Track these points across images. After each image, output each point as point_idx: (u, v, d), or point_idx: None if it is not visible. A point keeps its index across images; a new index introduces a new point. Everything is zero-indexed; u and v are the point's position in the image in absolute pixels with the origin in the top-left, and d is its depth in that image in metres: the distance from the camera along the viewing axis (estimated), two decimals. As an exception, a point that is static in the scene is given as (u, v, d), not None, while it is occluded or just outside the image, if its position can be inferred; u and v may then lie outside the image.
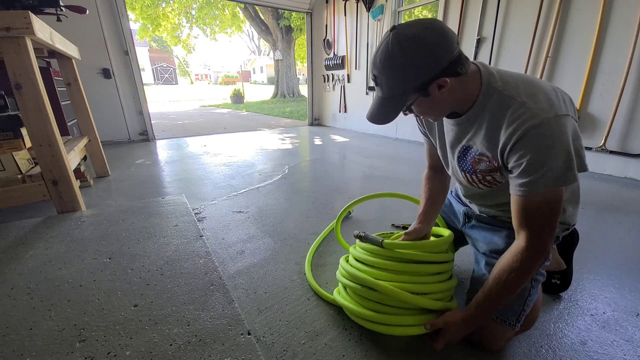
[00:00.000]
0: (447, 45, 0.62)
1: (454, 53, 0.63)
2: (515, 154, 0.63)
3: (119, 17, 3.42)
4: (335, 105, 5.09)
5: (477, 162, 0.75)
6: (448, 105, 0.72)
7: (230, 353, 0.75)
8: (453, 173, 0.89)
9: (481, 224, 0.94)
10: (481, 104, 0.69)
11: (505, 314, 0.76)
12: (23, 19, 1.23)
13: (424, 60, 0.62)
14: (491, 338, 0.78)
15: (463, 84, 0.68)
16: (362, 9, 4.13)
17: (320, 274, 1.16)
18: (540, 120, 0.60)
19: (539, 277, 0.79)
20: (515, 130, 0.62)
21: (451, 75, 0.64)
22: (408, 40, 0.62)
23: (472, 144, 0.75)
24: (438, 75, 0.63)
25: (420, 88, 0.66)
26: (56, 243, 1.26)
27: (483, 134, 0.71)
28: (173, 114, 8.02)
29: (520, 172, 0.63)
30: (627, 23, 2.12)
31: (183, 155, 3.19)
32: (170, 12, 11.27)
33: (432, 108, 0.72)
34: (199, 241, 1.28)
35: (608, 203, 1.84)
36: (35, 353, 0.74)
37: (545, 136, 0.60)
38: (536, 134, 0.60)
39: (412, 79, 0.64)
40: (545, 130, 0.60)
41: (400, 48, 0.62)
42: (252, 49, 37.35)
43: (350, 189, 2.13)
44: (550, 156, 0.60)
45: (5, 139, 1.39)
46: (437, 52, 0.62)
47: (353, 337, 0.85)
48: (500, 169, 0.71)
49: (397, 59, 0.63)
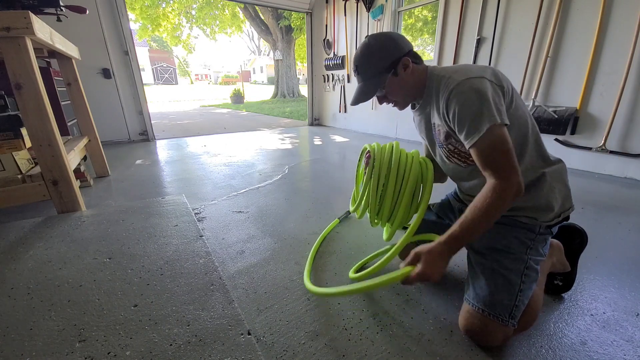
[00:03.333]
0: (405, 40, 0.90)
1: (411, 47, 0.90)
2: (449, 113, 0.80)
3: (119, 17, 3.42)
4: (335, 105, 5.09)
5: (439, 134, 0.90)
6: (411, 86, 0.91)
7: (230, 353, 0.75)
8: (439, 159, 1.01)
9: None
10: (428, 87, 0.90)
11: (496, 309, 0.76)
12: (23, 19, 1.23)
13: (390, 45, 0.87)
14: (486, 335, 0.78)
15: (419, 71, 0.90)
16: (362, 9, 4.13)
17: (319, 274, 1.16)
18: (457, 82, 0.78)
19: (531, 273, 0.80)
20: (443, 95, 0.81)
21: (411, 60, 0.87)
22: (377, 36, 0.89)
23: (434, 121, 0.91)
24: (401, 56, 0.87)
25: (390, 68, 0.87)
26: (56, 243, 1.26)
27: (435, 109, 0.88)
28: (173, 114, 8.02)
29: (457, 127, 0.78)
30: (627, 23, 2.12)
31: (183, 155, 3.19)
32: (170, 12, 11.27)
33: (401, 88, 0.91)
34: (199, 241, 1.28)
35: (608, 203, 1.84)
36: (35, 353, 0.75)
37: (462, 92, 0.77)
38: (455, 92, 0.77)
39: (383, 59, 0.87)
40: (461, 88, 0.77)
41: (372, 40, 0.89)
42: (252, 49, 37.37)
43: (350, 189, 2.13)
44: (470, 104, 0.75)
45: (5, 139, 1.39)
46: (398, 42, 0.88)
47: (353, 337, 0.85)
48: (449, 131, 0.85)
49: (370, 47, 0.88)
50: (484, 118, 0.73)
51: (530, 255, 0.83)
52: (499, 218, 0.77)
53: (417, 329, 0.89)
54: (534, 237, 0.85)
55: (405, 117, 3.97)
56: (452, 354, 0.80)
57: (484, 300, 0.78)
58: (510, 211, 0.87)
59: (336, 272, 1.17)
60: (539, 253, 0.84)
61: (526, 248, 0.83)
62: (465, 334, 0.83)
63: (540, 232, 0.86)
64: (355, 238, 1.43)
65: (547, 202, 0.84)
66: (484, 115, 0.73)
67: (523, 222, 0.86)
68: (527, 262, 0.81)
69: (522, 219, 0.86)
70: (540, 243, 0.86)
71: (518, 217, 0.87)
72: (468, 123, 0.75)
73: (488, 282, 0.80)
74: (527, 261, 0.81)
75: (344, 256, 1.27)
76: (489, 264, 0.83)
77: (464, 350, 0.81)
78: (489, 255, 0.84)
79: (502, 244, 0.84)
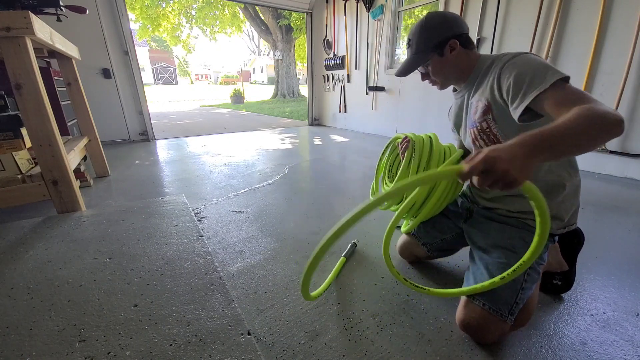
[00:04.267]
0: (459, 22, 0.90)
1: (464, 30, 0.90)
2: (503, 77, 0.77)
3: (119, 17, 3.42)
4: (335, 105, 5.09)
5: (476, 111, 0.88)
6: (454, 69, 0.92)
7: (230, 353, 0.75)
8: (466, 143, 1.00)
9: (480, 218, 0.97)
10: (476, 71, 0.90)
11: (497, 304, 0.77)
12: (23, 19, 1.23)
13: (442, 25, 0.89)
14: (484, 329, 0.78)
15: (467, 56, 0.90)
16: (362, 9, 4.13)
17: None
18: (517, 52, 0.78)
19: (533, 274, 0.81)
20: (497, 66, 0.81)
21: (460, 43, 0.88)
22: (434, 14, 0.91)
23: (472, 101, 0.91)
24: (450, 38, 0.88)
25: (437, 47, 0.89)
26: (56, 243, 1.26)
27: (480, 87, 0.88)
28: (173, 114, 8.02)
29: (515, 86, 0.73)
30: (627, 23, 2.12)
31: (183, 155, 3.18)
32: (170, 12, 11.27)
33: (443, 68, 0.92)
34: (199, 241, 1.28)
35: (608, 203, 1.84)
36: (35, 353, 0.75)
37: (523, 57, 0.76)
38: (516, 59, 0.77)
39: (431, 37, 0.89)
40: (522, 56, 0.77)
41: (427, 18, 0.91)
42: (252, 49, 37.36)
43: (350, 189, 2.13)
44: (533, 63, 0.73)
45: (5, 139, 1.39)
46: (451, 23, 0.89)
47: (353, 337, 0.85)
48: (491, 106, 0.83)
49: (423, 24, 0.90)
50: (548, 70, 0.69)
51: None
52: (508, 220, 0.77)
53: (417, 329, 0.89)
54: None
55: (405, 117, 3.97)
56: (452, 354, 0.80)
57: (485, 294, 0.78)
58: (519, 213, 0.89)
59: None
60: (541, 257, 0.85)
61: None
62: (462, 328, 0.83)
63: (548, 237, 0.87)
64: (355, 238, 1.43)
65: (557, 212, 0.86)
66: (549, 68, 0.69)
67: (530, 225, 0.88)
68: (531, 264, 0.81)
69: (529, 222, 0.88)
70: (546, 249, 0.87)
71: (525, 220, 0.88)
72: (530, 77, 0.70)
73: (491, 277, 0.79)
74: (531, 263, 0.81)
75: (344, 256, 1.27)
76: (494, 260, 0.83)
77: (464, 350, 0.81)
78: (494, 252, 0.85)
79: (508, 243, 0.85)
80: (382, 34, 3.96)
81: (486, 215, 0.97)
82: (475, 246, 0.92)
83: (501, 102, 0.80)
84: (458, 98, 0.99)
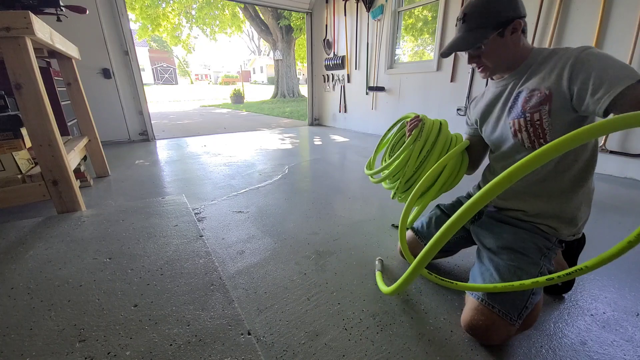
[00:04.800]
0: (523, 5, 0.84)
1: (525, 15, 0.84)
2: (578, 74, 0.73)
3: (119, 17, 3.42)
4: (335, 105, 5.09)
5: (528, 100, 0.82)
6: (510, 54, 0.86)
7: (230, 353, 0.75)
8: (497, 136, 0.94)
9: (491, 220, 0.96)
10: (530, 59, 0.85)
11: (507, 307, 0.76)
12: (23, 19, 1.23)
13: (509, 2, 0.82)
14: (491, 332, 0.78)
15: (523, 42, 0.86)
16: (362, 9, 4.13)
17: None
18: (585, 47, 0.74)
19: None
20: (564, 55, 0.76)
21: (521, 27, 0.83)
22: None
23: (523, 89, 0.85)
24: (514, 18, 0.81)
25: (499, 26, 0.81)
26: (56, 243, 1.26)
27: (534, 76, 0.83)
28: (173, 114, 8.02)
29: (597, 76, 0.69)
30: (627, 23, 2.12)
31: (183, 155, 3.19)
32: (170, 12, 11.27)
33: (499, 51, 0.85)
34: (199, 241, 1.28)
35: (608, 203, 1.84)
36: (35, 353, 0.74)
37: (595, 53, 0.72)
38: (592, 50, 0.73)
39: (495, 14, 0.81)
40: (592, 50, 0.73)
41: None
42: (252, 49, 37.36)
43: (350, 189, 2.13)
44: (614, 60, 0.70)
45: (5, 139, 1.39)
46: (517, 3, 0.82)
47: (353, 337, 0.85)
48: (552, 96, 0.78)
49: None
50: (629, 67, 0.68)
51: (544, 262, 0.83)
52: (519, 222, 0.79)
53: (417, 329, 0.89)
54: (550, 246, 0.86)
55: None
56: (452, 354, 0.80)
57: (496, 296, 0.77)
58: (533, 217, 0.89)
59: (336, 272, 1.17)
60: (550, 263, 0.85)
61: (541, 255, 0.84)
62: (469, 330, 0.81)
63: (555, 244, 0.88)
64: (355, 238, 1.43)
65: (572, 216, 0.87)
66: (629, 66, 0.68)
67: (542, 230, 0.88)
68: (542, 268, 0.81)
69: (542, 227, 0.88)
70: (552, 254, 0.87)
71: (539, 225, 0.88)
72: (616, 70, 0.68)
73: (502, 279, 0.79)
74: (541, 267, 0.81)
75: (344, 256, 1.27)
76: (505, 262, 0.82)
77: (463, 350, 0.81)
78: (506, 255, 0.84)
79: (520, 246, 0.84)
80: (382, 34, 3.96)
81: (497, 218, 0.96)
82: (484, 247, 0.91)
83: (567, 92, 0.75)
84: (497, 87, 0.92)
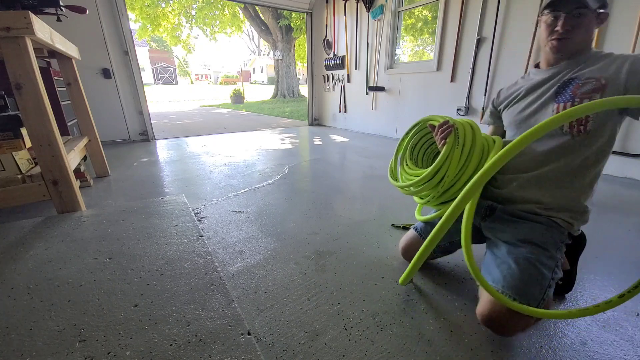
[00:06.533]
0: None
1: None
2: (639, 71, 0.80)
3: (119, 17, 3.42)
4: (335, 105, 5.09)
5: (581, 87, 0.87)
6: (589, 38, 0.92)
7: (230, 353, 0.75)
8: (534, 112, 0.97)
9: (505, 216, 0.95)
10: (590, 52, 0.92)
11: (527, 299, 0.76)
12: (23, 19, 1.23)
13: None
14: (510, 323, 0.77)
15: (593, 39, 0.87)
16: (362, 9, 4.13)
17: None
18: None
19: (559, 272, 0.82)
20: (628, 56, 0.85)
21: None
22: None
23: (576, 77, 0.90)
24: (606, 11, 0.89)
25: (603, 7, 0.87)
26: (56, 243, 1.26)
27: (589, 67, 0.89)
28: (173, 114, 8.02)
29: None
30: (627, 23, 2.12)
31: (183, 155, 3.19)
32: (170, 12, 11.26)
33: (589, 29, 0.90)
34: (199, 241, 1.28)
35: (608, 203, 1.84)
36: (35, 353, 0.75)
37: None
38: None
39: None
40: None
41: None
42: (252, 49, 37.37)
43: (350, 189, 2.13)
44: None
45: (5, 139, 1.39)
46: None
47: (353, 337, 0.85)
48: (606, 86, 0.83)
49: None
50: None
51: (559, 255, 0.84)
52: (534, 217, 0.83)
53: (417, 329, 0.89)
54: (564, 239, 0.88)
55: (405, 117, 3.97)
56: (452, 354, 0.80)
57: (516, 288, 0.77)
58: (549, 210, 0.90)
59: (336, 272, 1.17)
60: (562, 256, 0.86)
61: (557, 249, 0.85)
62: (487, 321, 0.80)
63: (567, 237, 0.89)
64: (355, 238, 1.43)
65: (584, 210, 0.90)
66: None
67: (558, 223, 0.88)
68: (558, 262, 0.83)
69: (558, 221, 0.88)
70: (564, 247, 0.88)
71: (554, 218, 0.89)
72: None
73: (522, 271, 0.79)
74: (557, 260, 0.83)
75: (344, 256, 1.27)
76: (524, 254, 0.82)
77: (463, 350, 0.81)
78: (525, 247, 0.84)
79: (539, 240, 0.85)
80: (382, 34, 3.96)
81: (511, 213, 0.95)
82: (500, 241, 0.91)
83: (622, 85, 0.81)
84: (547, 73, 0.96)
